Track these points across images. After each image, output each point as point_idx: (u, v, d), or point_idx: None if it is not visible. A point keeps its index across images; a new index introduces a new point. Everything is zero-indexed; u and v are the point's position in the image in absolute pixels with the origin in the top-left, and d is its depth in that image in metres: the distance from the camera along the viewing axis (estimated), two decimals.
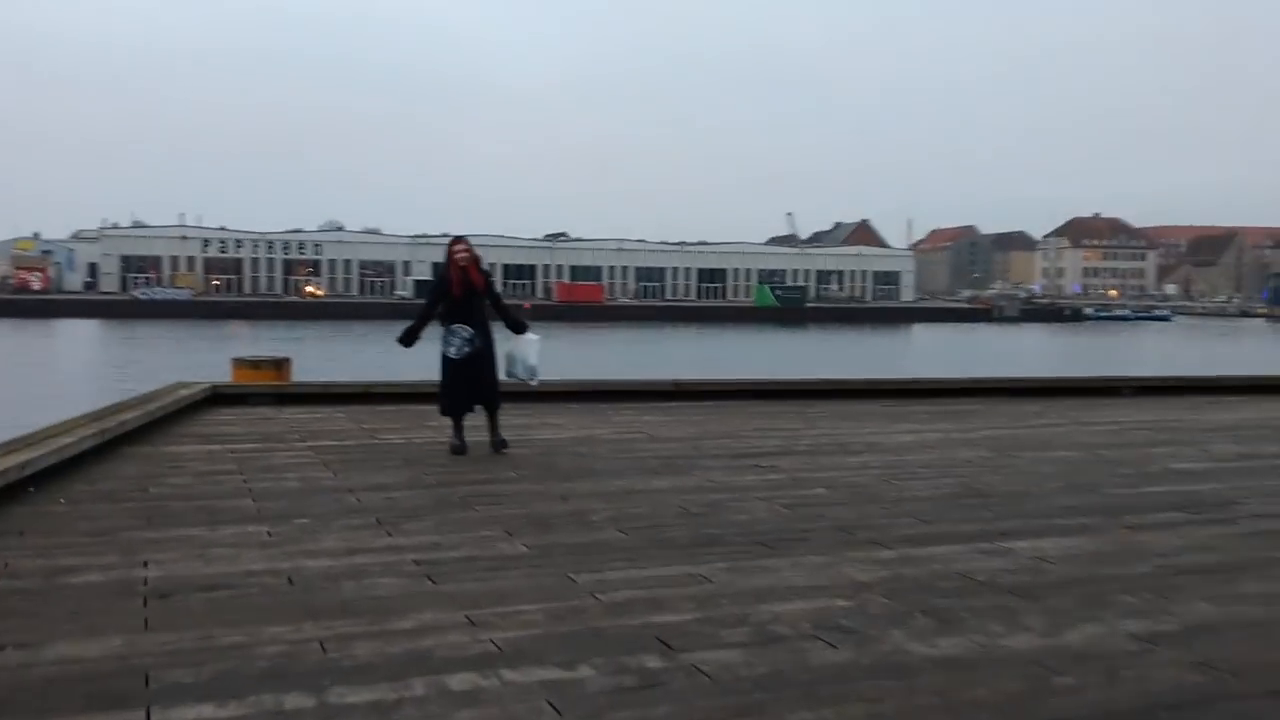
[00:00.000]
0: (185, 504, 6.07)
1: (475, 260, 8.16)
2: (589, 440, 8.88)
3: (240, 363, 13.04)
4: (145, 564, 4.75)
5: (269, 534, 5.38)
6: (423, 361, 8.68)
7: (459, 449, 8.04)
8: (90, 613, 4.05)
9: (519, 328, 8.38)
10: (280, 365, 13.01)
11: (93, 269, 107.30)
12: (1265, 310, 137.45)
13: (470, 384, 8.04)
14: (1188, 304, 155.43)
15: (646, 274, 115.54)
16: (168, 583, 4.47)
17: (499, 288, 8.53)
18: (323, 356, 44.01)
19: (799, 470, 7.53)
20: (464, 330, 7.95)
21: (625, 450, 8.34)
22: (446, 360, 8.02)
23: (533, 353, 8.37)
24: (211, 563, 4.80)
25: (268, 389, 11.14)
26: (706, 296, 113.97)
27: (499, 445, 8.10)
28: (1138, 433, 9.94)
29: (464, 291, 8.04)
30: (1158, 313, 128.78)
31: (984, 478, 7.33)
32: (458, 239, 8.18)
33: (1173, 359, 53.35)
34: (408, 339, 8.11)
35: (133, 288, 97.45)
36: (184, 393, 10.09)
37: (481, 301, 8.17)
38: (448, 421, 8.21)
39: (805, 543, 5.34)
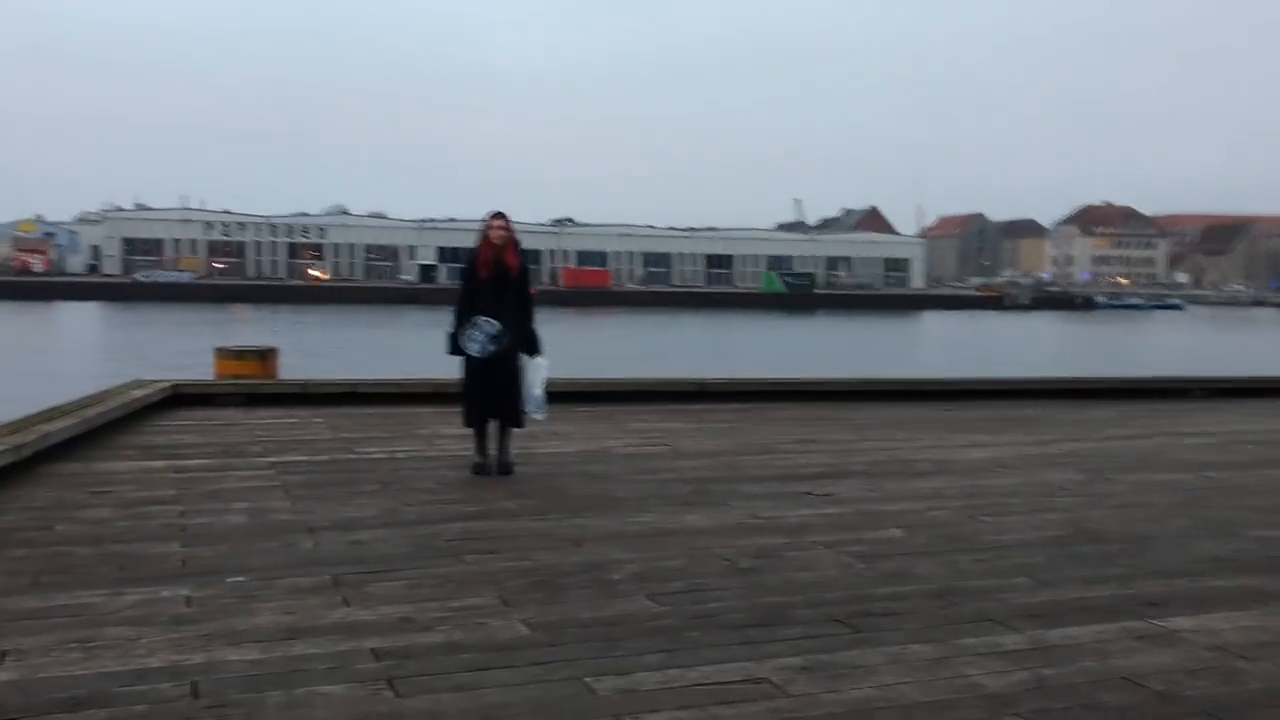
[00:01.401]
0: (93, 551, 4.76)
1: (513, 242, 6.83)
2: (602, 455, 7.56)
3: (224, 352, 11.79)
4: (1, 657, 3.45)
5: (188, 602, 4.06)
6: (426, 354, 7.34)
7: (480, 467, 6.73)
8: None
9: (531, 347, 6.94)
10: (265, 356, 11.74)
11: (96, 251, 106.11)
12: (1278, 299, 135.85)
13: (489, 391, 6.70)
14: (1199, 293, 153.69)
15: (654, 259, 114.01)
16: (19, 694, 3.16)
17: (532, 284, 7.15)
18: (320, 344, 42.71)
19: (861, 500, 6.19)
20: (489, 324, 6.59)
21: (647, 469, 7.02)
22: (466, 360, 6.71)
23: (539, 381, 6.94)
24: (94, 655, 3.48)
25: (238, 388, 9.83)
26: (714, 282, 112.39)
27: (504, 467, 6.78)
28: (1243, 446, 8.59)
29: (493, 275, 6.71)
30: (1170, 302, 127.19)
31: (1089, 512, 5.99)
32: (497, 214, 6.85)
33: (1200, 351, 51.86)
34: (454, 348, 6.76)
35: (135, 270, 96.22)
36: (138, 393, 8.78)
37: (513, 292, 6.82)
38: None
39: (897, 619, 4.02)
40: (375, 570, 4.51)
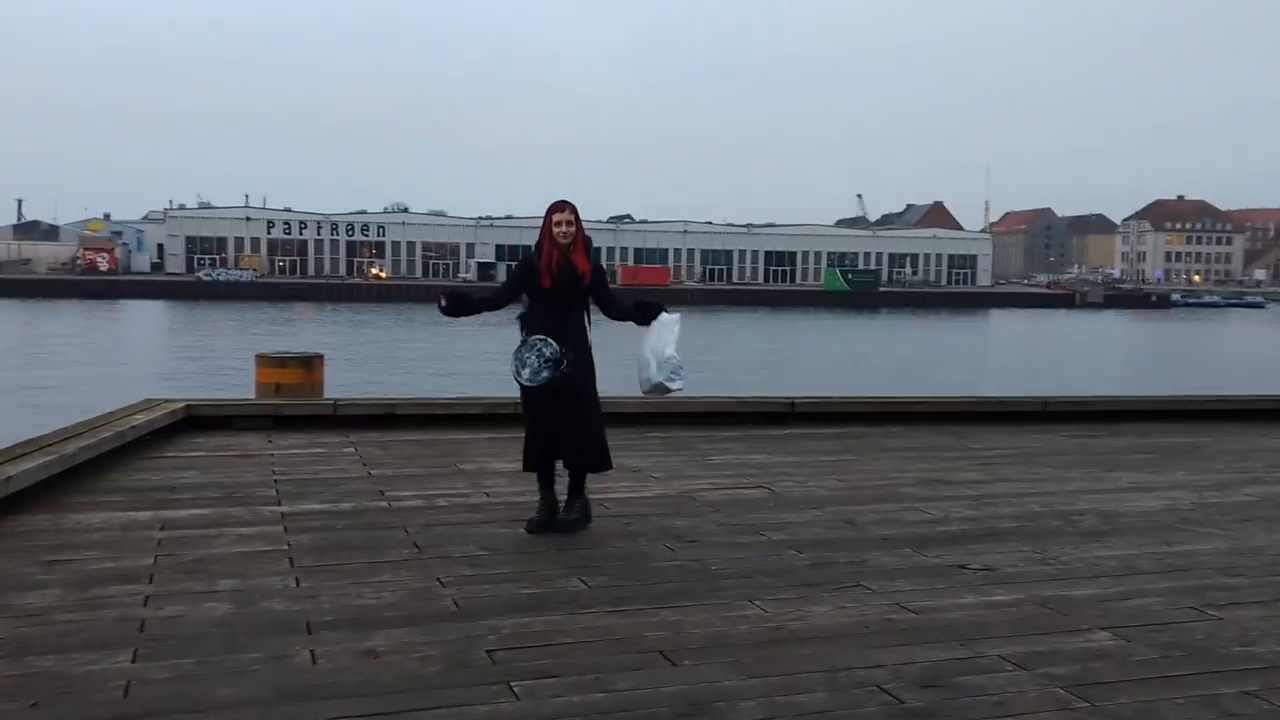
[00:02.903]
0: (6, 665, 3.46)
1: (583, 240, 5.39)
2: (686, 503, 6.15)
3: (265, 360, 10.59)
4: None
5: None
6: (482, 357, 5.96)
7: (540, 523, 5.38)
8: None
9: (648, 311, 5.50)
10: (310, 363, 10.50)
11: (160, 250, 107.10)
12: None
13: (554, 429, 5.32)
14: (1278, 290, 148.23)
15: (713, 256, 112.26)
16: None
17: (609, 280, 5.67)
18: (373, 347, 41.82)
19: (1035, 579, 4.71)
20: (547, 345, 5.16)
21: (745, 525, 5.60)
22: (522, 389, 5.31)
23: (671, 340, 5.45)
24: None
25: (260, 409, 8.57)
26: (775, 280, 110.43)
27: (569, 524, 5.41)
28: None
29: (559, 283, 5.30)
30: (1250, 299, 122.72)
31: None
32: (560, 204, 5.38)
33: None
34: (454, 305, 5.36)
35: (198, 268, 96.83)
36: (141, 418, 7.55)
37: (583, 304, 5.42)
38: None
39: None
40: (388, 713, 3.16)
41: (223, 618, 3.98)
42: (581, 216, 5.39)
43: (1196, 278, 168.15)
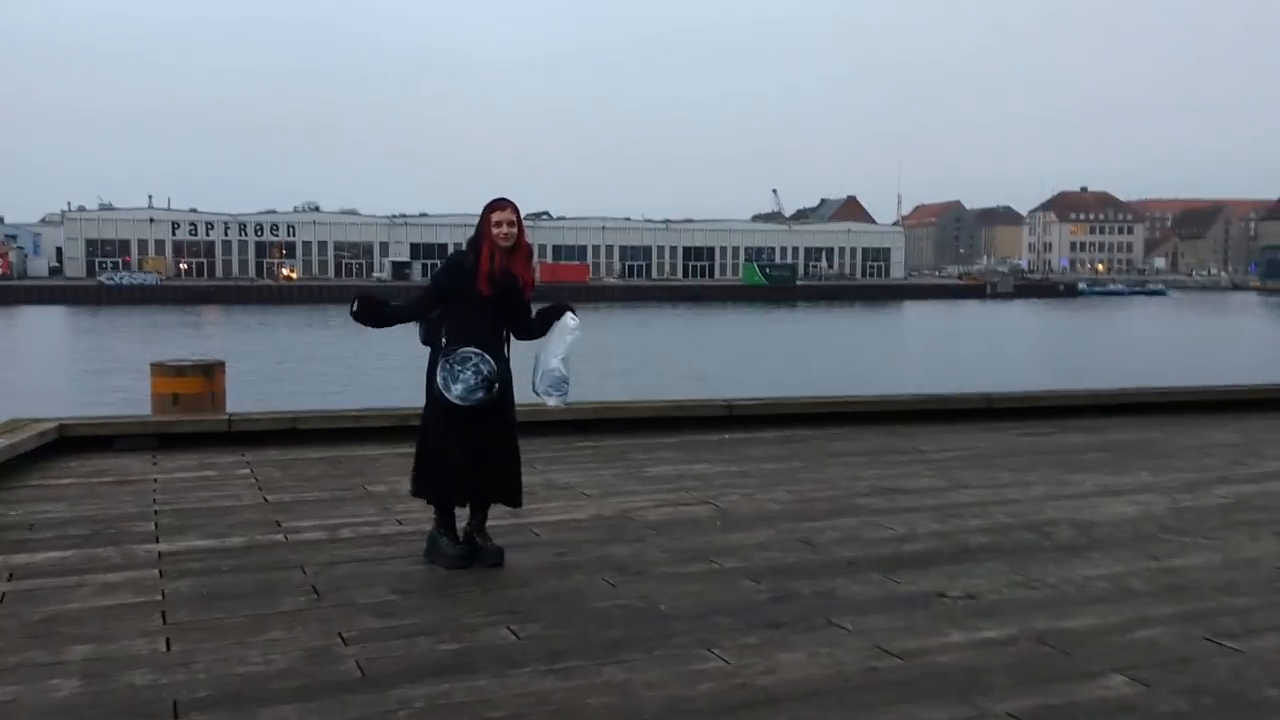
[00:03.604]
0: None
1: (526, 247, 4.68)
2: (625, 524, 5.51)
3: (161, 369, 9.67)
4: None
5: None
6: (397, 361, 5.25)
7: (460, 558, 4.67)
8: None
9: (550, 315, 4.85)
10: (210, 371, 9.61)
11: (59, 254, 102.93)
12: (1258, 284, 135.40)
13: (479, 458, 4.63)
14: (1178, 278, 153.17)
15: (632, 253, 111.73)
16: None
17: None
18: (280, 351, 40.31)
19: (1022, 607, 4.17)
20: (484, 362, 4.52)
21: (694, 551, 4.98)
22: (444, 408, 4.57)
23: (562, 348, 4.76)
24: None
25: (144, 426, 7.71)
26: (693, 275, 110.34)
27: (495, 555, 4.73)
28: None
29: (498, 292, 4.61)
30: (1151, 287, 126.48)
31: None
32: (500, 201, 4.67)
33: (1241, 341, 50.29)
34: (365, 312, 4.70)
35: (99, 272, 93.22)
36: (3, 441, 6.65)
37: (519, 316, 4.77)
38: (409, 486, 4.88)
39: None
40: None
41: (67, 700, 3.23)
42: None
43: (1100, 266, 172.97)
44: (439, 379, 4.53)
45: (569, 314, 4.83)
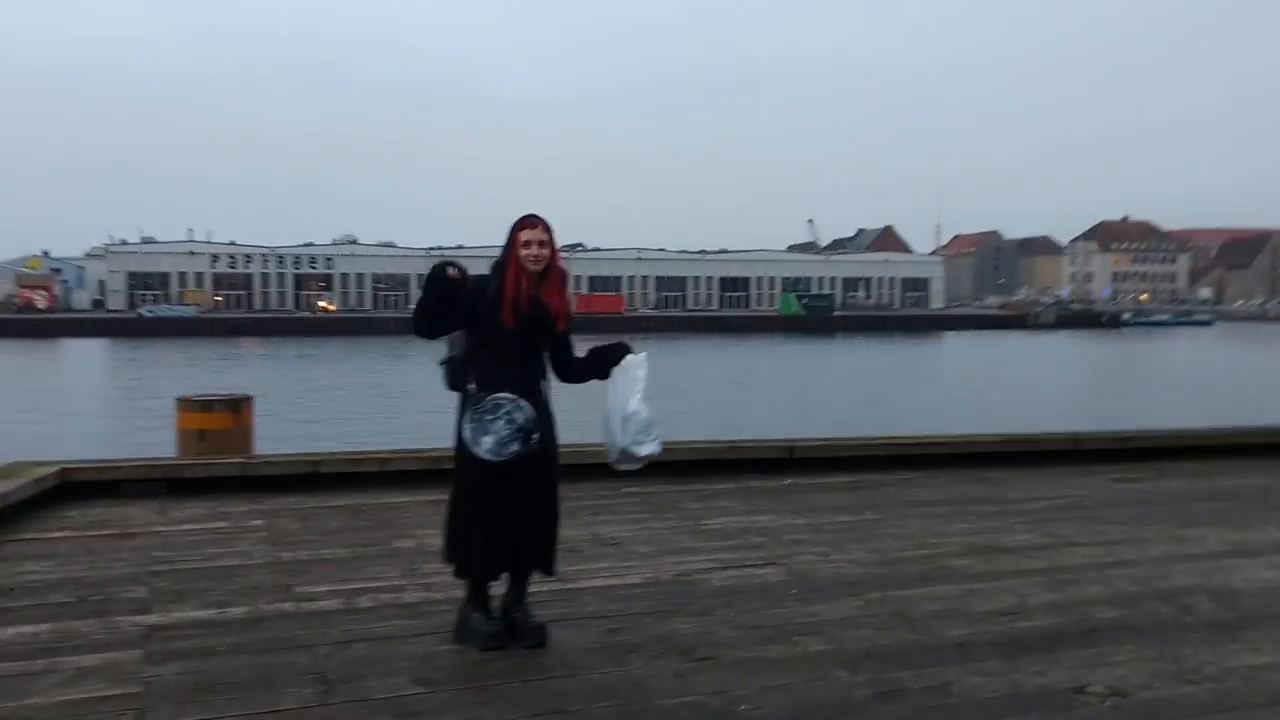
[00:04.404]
0: None
1: (560, 271, 4.03)
2: (686, 591, 4.76)
3: (187, 404, 9.10)
4: None
5: None
6: (434, 393, 4.69)
7: (496, 638, 3.95)
8: None
9: (607, 357, 4.12)
10: (237, 406, 9.04)
11: (101, 287, 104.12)
12: None
13: (517, 520, 3.92)
14: (1223, 308, 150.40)
15: (667, 284, 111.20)
16: None
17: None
18: (314, 385, 39.90)
19: (1185, 708, 3.39)
20: (519, 409, 3.82)
21: (769, 626, 4.23)
22: (474, 465, 3.86)
23: (636, 389, 4.03)
24: None
25: (153, 470, 7.06)
26: (729, 306, 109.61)
27: (539, 634, 4.01)
28: None
29: (525, 324, 3.93)
30: (1198, 318, 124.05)
31: None
32: (530, 219, 3.99)
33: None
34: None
35: (139, 304, 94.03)
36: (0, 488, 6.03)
37: (558, 351, 4.08)
38: (440, 542, 4.17)
39: None
40: None
41: None
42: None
43: (1144, 297, 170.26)
44: (466, 432, 3.83)
45: (629, 355, 4.11)
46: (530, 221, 3.98)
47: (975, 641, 4.06)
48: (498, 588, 4.07)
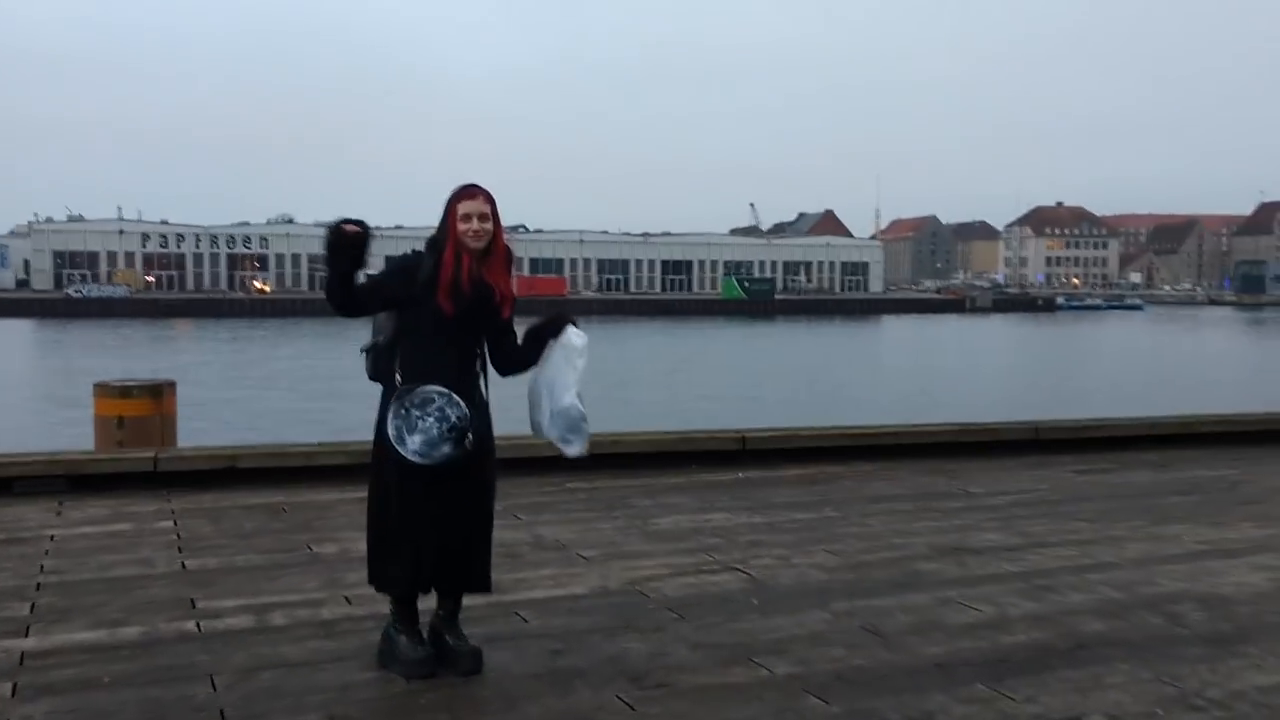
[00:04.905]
0: None
1: (504, 250, 3.55)
2: (637, 603, 4.34)
3: (105, 389, 8.51)
4: None
5: None
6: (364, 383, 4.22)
7: (423, 664, 3.48)
8: None
9: (544, 331, 3.67)
10: (159, 392, 8.49)
11: (26, 266, 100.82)
12: (1234, 298, 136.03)
13: (445, 532, 3.46)
14: (1153, 292, 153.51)
15: (610, 266, 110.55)
16: None
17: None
18: (244, 367, 38.77)
19: None
20: (452, 406, 3.35)
21: (728, 644, 3.82)
22: (399, 467, 3.38)
23: (573, 376, 3.59)
24: None
25: (53, 465, 6.46)
26: (672, 289, 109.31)
27: (470, 660, 3.54)
28: None
29: (464, 308, 3.46)
30: (1129, 302, 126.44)
31: None
32: (470, 188, 3.51)
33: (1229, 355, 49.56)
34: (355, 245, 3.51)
35: (67, 284, 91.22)
36: None
37: (499, 340, 3.60)
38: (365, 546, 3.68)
39: None
40: None
41: None
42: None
43: (1076, 281, 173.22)
44: (391, 429, 3.36)
45: (570, 329, 3.65)
46: (470, 192, 3.50)
47: (956, 661, 3.69)
48: (427, 602, 3.61)
